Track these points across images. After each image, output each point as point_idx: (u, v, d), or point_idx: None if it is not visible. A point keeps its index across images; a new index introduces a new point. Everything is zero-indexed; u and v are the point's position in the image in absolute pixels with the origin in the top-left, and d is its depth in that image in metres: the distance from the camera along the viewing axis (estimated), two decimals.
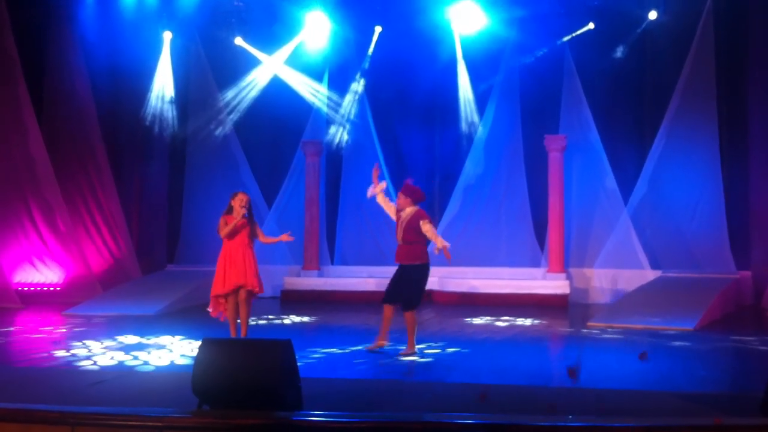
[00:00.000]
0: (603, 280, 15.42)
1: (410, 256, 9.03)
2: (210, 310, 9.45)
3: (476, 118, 16.42)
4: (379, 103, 17.19)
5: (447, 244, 8.98)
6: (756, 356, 9.33)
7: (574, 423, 5.23)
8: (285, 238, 9.69)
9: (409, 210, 9.11)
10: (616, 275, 15.25)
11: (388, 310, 9.16)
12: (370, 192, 9.58)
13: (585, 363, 9.01)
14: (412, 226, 9.01)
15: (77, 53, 16.15)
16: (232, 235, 9.24)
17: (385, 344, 9.28)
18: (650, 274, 14.80)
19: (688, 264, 14.97)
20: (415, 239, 9.03)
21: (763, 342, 10.25)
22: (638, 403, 6.45)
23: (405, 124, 17.17)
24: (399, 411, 6.06)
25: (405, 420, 5.41)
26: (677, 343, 10.10)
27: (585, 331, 11.42)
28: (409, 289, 9.02)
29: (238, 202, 9.25)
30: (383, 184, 9.57)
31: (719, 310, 12.77)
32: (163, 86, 16.58)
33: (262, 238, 9.52)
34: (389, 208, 9.43)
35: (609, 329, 11.44)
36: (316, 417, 5.39)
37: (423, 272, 9.09)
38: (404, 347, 9.18)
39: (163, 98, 16.51)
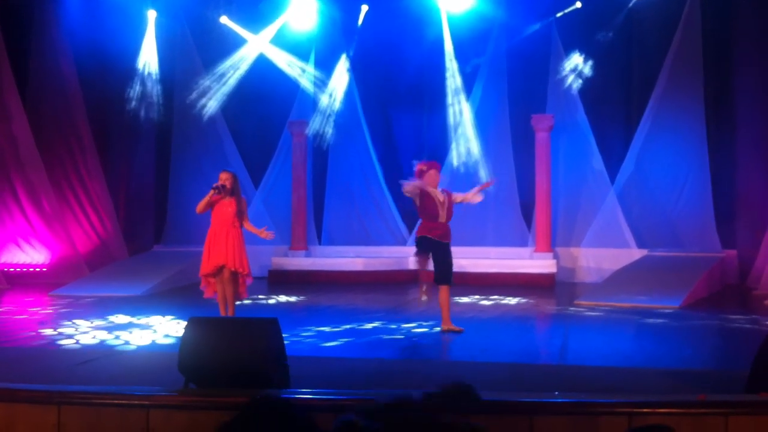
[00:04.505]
0: (589, 259, 15.46)
1: (450, 234, 9.31)
2: (202, 289, 9.43)
3: (463, 98, 16.37)
4: (366, 81, 17.10)
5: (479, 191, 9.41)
6: (741, 334, 9.40)
7: (560, 399, 5.25)
8: (263, 234, 9.50)
9: (439, 190, 9.21)
10: (602, 254, 15.29)
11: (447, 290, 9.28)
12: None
13: (571, 341, 9.07)
14: (450, 205, 9.23)
15: (61, 34, 16.00)
16: (208, 209, 9.21)
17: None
18: (636, 253, 14.85)
19: (674, 243, 15.02)
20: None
21: (748, 320, 10.33)
22: (624, 380, 6.49)
23: (392, 103, 17.11)
24: (386, 389, 6.06)
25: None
26: (663, 321, 10.16)
27: (572, 309, 11.47)
28: (449, 264, 9.30)
29: (219, 181, 9.26)
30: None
31: (705, 288, 12.84)
32: (148, 66, 16.45)
33: (246, 224, 9.43)
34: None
35: (595, 308, 11.49)
36: (303, 395, 5.40)
37: None
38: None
39: (148, 78, 16.38)
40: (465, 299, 12.58)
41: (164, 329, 9.42)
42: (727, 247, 14.85)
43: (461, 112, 16.30)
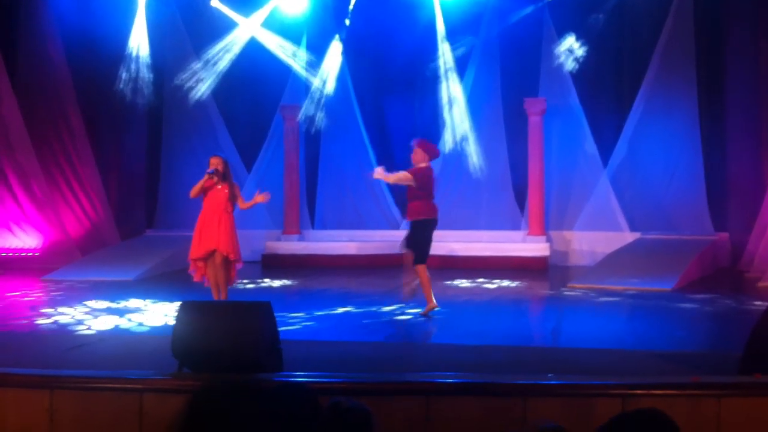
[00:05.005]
0: (582, 243, 15.46)
1: None
2: (191, 273, 9.46)
3: (456, 82, 16.31)
4: (358, 65, 17.02)
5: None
6: (732, 317, 9.43)
7: (553, 381, 5.26)
8: (259, 198, 9.55)
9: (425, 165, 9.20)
10: (595, 237, 15.29)
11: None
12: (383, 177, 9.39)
13: (564, 324, 9.08)
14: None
15: (50, 18, 15.85)
16: (206, 195, 9.22)
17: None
18: (629, 236, 14.86)
19: (666, 226, 15.04)
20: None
21: (740, 303, 10.36)
22: (617, 362, 6.50)
23: (384, 87, 17.04)
24: (379, 372, 6.06)
25: (386, 380, 5.43)
26: (655, 304, 10.18)
27: (564, 292, 11.49)
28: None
29: (210, 166, 9.26)
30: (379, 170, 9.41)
31: (697, 271, 12.87)
32: (138, 50, 16.33)
33: (241, 204, 9.46)
34: (400, 178, 9.28)
35: (588, 290, 11.50)
36: (297, 378, 5.39)
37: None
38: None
39: (138, 62, 16.27)
40: (458, 283, 12.59)
41: (157, 313, 9.40)
42: (719, 230, 14.88)
43: (453, 96, 16.25)
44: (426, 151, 9.25)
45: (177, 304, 6.07)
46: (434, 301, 9.10)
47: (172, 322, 6.63)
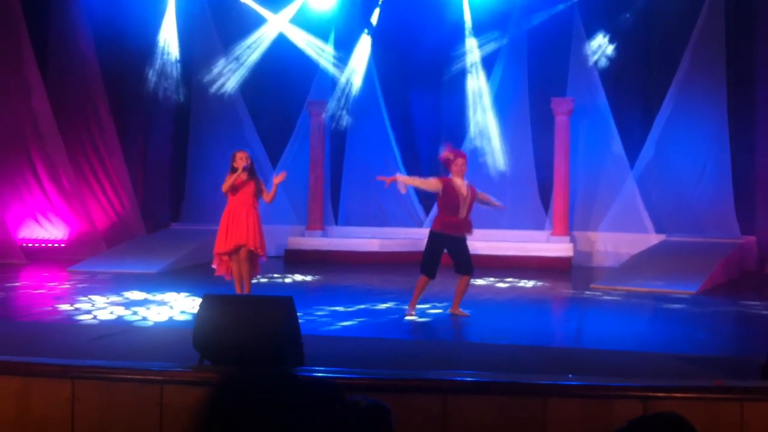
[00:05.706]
0: (607, 244, 15.37)
1: (470, 227, 9.08)
2: (214, 267, 9.51)
3: (483, 80, 16.27)
4: (385, 62, 17.02)
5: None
6: (758, 321, 9.33)
7: (574, 382, 5.23)
8: (277, 179, 9.51)
9: (461, 182, 8.88)
10: (620, 239, 15.20)
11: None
12: (402, 187, 9.27)
13: (587, 325, 9.04)
14: (472, 200, 8.99)
15: (80, 10, 16.01)
16: (234, 191, 9.26)
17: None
18: (654, 238, 14.75)
19: (692, 228, 14.91)
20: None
21: (766, 307, 10.24)
22: (639, 364, 6.45)
23: (411, 84, 17.03)
24: (400, 369, 6.05)
25: (406, 377, 5.42)
26: (680, 307, 10.10)
27: (588, 293, 11.42)
28: (469, 255, 9.13)
29: (238, 161, 9.27)
30: (399, 177, 9.28)
31: (723, 274, 12.75)
32: (167, 44, 16.43)
33: (266, 196, 9.49)
34: (422, 183, 9.20)
35: (612, 292, 11.44)
36: (317, 373, 5.40)
37: None
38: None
39: (167, 56, 16.36)
40: (481, 281, 12.55)
41: (180, 306, 9.46)
42: (746, 233, 14.73)
43: (480, 94, 16.20)
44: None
45: (199, 297, 6.09)
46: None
47: (194, 314, 6.67)
